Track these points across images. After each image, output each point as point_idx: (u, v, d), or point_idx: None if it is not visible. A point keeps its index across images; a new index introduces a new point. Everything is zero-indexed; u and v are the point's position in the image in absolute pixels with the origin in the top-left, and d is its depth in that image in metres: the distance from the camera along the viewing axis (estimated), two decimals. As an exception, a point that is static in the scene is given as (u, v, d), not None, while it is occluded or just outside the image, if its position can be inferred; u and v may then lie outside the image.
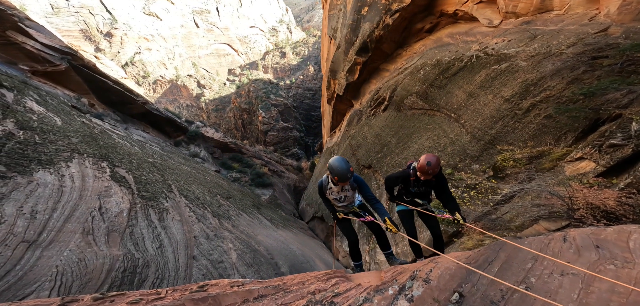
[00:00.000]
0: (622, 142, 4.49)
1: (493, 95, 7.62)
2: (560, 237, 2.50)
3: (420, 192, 3.38)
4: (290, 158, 34.82)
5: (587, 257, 2.18)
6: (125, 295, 2.56)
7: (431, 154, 3.11)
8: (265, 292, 2.71)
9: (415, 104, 10.92)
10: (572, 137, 5.55)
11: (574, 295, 1.89)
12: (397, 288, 2.42)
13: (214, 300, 2.48)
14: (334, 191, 3.21)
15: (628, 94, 4.87)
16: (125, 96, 18.65)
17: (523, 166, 6.45)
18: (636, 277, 1.92)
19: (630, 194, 4.34)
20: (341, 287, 2.70)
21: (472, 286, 2.20)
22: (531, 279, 2.12)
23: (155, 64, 57.84)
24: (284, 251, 9.97)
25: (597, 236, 2.40)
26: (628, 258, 2.10)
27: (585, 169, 5.11)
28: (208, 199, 11.39)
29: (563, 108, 5.70)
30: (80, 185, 7.35)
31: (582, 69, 5.79)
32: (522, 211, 5.81)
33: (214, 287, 2.77)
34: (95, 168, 8.36)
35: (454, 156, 8.15)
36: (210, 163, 21.09)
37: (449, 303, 2.14)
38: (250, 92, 45.78)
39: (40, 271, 5.24)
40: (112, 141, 11.35)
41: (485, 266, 2.39)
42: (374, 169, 11.71)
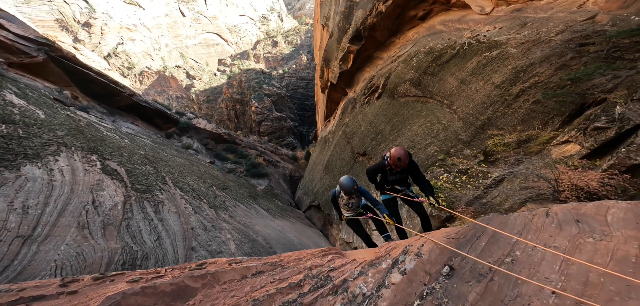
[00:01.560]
0: (606, 125, 4.69)
1: (484, 81, 7.76)
2: (543, 212, 2.61)
3: (397, 179, 3.82)
4: (285, 148, 34.77)
5: (568, 231, 2.30)
6: (124, 275, 2.59)
7: (400, 148, 3.54)
8: (263, 269, 2.78)
9: (409, 91, 11.01)
10: (559, 121, 5.75)
11: (556, 266, 1.99)
12: (391, 262, 2.51)
13: (212, 277, 2.54)
14: (344, 199, 4.03)
15: (613, 79, 5.06)
16: (110, 87, 18.13)
17: (512, 150, 6.65)
18: (613, 249, 2.02)
19: (612, 175, 4.55)
20: (337, 262, 2.80)
21: (462, 260, 2.30)
22: (516, 252, 2.22)
23: (140, 55, 55.88)
24: (281, 240, 10.13)
25: (578, 211, 2.51)
26: (606, 231, 2.22)
27: (571, 152, 5.33)
28: (204, 191, 11.38)
29: (551, 93, 5.88)
30: (71, 179, 7.25)
31: (569, 56, 5.95)
32: (511, 194, 6.03)
33: (212, 265, 2.83)
34: (84, 161, 8.23)
35: (446, 141, 8.32)
36: (204, 155, 20.90)
37: (439, 276, 2.24)
38: (242, 83, 44.98)
39: (38, 266, 5.22)
40: (100, 134, 11.12)
41: (474, 240, 2.49)
42: (369, 156, 11.85)
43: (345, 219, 4.20)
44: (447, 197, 7.03)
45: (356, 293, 2.27)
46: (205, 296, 2.35)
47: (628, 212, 2.33)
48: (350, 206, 4.05)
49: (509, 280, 1.96)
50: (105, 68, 42.93)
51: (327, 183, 15.60)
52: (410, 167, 3.62)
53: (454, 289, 2.05)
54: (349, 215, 4.15)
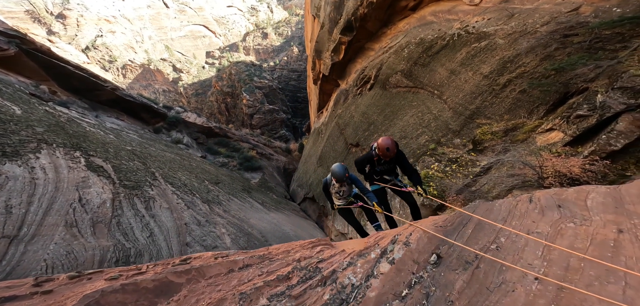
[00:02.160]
0: (588, 113, 4.89)
1: (473, 72, 7.90)
2: (527, 198, 2.68)
3: (385, 170, 3.86)
4: (278, 140, 34.59)
5: (550, 216, 2.37)
6: (103, 272, 2.50)
7: (388, 138, 3.57)
8: (251, 262, 2.74)
9: (400, 82, 11.10)
10: (544, 110, 5.95)
11: (539, 252, 2.04)
12: (379, 252, 2.52)
13: (197, 272, 2.48)
14: (335, 186, 4.05)
15: (595, 69, 5.25)
16: (90, 81, 17.47)
17: (499, 139, 6.86)
18: (593, 233, 2.10)
19: (593, 161, 4.78)
20: (326, 253, 2.78)
21: (449, 248, 2.32)
22: (501, 239, 2.26)
23: (121, 48, 53.81)
24: (277, 233, 10.20)
25: (559, 196, 2.59)
26: (586, 215, 2.29)
27: (555, 140, 5.54)
28: (196, 186, 11.28)
29: (536, 83, 6.06)
30: (55, 177, 7.08)
31: (554, 46, 6.12)
32: (499, 182, 6.24)
33: (197, 259, 2.76)
34: (68, 158, 8.02)
35: (437, 131, 8.49)
36: (195, 149, 20.60)
37: (427, 264, 2.24)
38: (232, 75, 44.12)
39: (28, 266, 5.14)
40: (82, 130, 10.81)
41: (461, 228, 2.53)
42: (362, 147, 11.97)
43: (337, 208, 4.26)
44: (438, 186, 7.22)
45: (345, 283, 2.26)
46: (190, 291, 2.29)
47: (607, 197, 2.41)
48: (341, 195, 4.09)
49: (494, 267, 1.99)
50: (84, 61, 41.19)
51: (321, 175, 15.70)
52: (397, 156, 3.67)
53: (442, 277, 2.08)
54: (340, 204, 4.20)
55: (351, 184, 4.05)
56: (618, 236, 1.99)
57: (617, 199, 2.37)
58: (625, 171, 4.70)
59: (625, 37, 5.23)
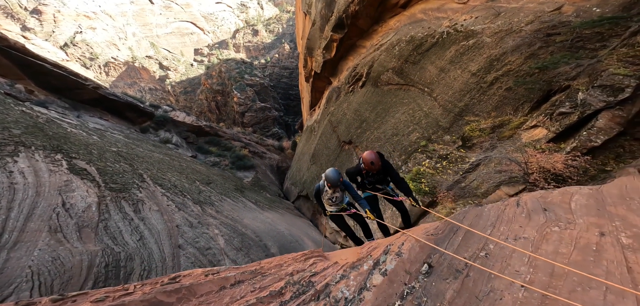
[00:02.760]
0: (570, 111, 5.09)
1: (462, 70, 8.07)
2: (514, 202, 2.74)
3: (375, 180, 3.98)
4: (271, 138, 34.37)
5: (536, 220, 2.42)
6: (88, 294, 2.38)
7: (371, 152, 3.70)
8: (242, 278, 2.68)
9: (392, 79, 11.20)
10: (528, 107, 6.15)
11: (525, 259, 2.08)
12: (372, 263, 2.52)
13: (188, 290, 2.41)
14: (328, 192, 4.03)
15: (576, 67, 5.46)
16: (70, 80, 16.76)
17: (487, 135, 7.05)
18: (577, 237, 2.17)
19: (575, 157, 4.98)
20: (319, 266, 2.76)
21: (440, 257, 2.34)
22: (490, 246, 2.31)
23: (103, 45, 51.96)
24: (272, 233, 10.19)
25: (545, 199, 2.66)
26: (570, 218, 2.36)
27: (539, 136, 5.75)
28: (187, 187, 11.12)
29: (521, 81, 6.25)
30: (35, 181, 6.86)
31: (538, 45, 6.32)
32: (487, 178, 6.43)
33: (187, 277, 2.69)
34: (48, 161, 7.76)
35: (428, 128, 8.64)
36: (184, 149, 20.24)
37: (419, 274, 2.25)
38: (222, 73, 43.39)
39: (12, 273, 4.99)
40: (63, 131, 10.46)
41: (451, 235, 2.55)
42: (355, 144, 12.06)
43: (329, 214, 4.24)
44: (430, 182, 7.37)
45: (338, 297, 2.26)
46: None
47: (589, 198, 2.50)
48: (333, 201, 4.08)
49: (483, 275, 2.03)
50: (62, 59, 39.60)
51: (315, 172, 15.73)
52: (384, 167, 3.81)
53: (433, 287, 2.10)
54: (332, 211, 4.17)
55: (344, 190, 4.06)
56: (600, 240, 2.06)
57: (599, 200, 2.45)
58: (605, 166, 4.93)
59: (605, 36, 5.46)
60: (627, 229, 2.11)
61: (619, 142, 4.81)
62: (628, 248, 1.96)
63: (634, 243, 1.98)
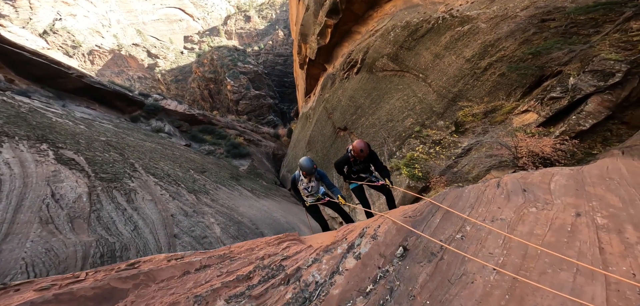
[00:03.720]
0: (560, 95, 5.16)
1: (456, 55, 8.04)
2: (495, 183, 2.73)
3: (360, 169, 4.29)
4: (266, 126, 34.14)
5: (515, 201, 2.42)
6: (32, 282, 2.22)
7: (361, 141, 3.98)
8: (209, 262, 2.54)
9: (387, 66, 11.12)
10: (521, 93, 6.21)
11: (500, 240, 2.07)
12: (346, 247, 2.46)
13: (146, 276, 2.26)
14: (304, 182, 4.14)
15: (568, 53, 5.49)
16: (52, 68, 16.18)
17: (479, 120, 7.12)
18: (552, 218, 2.15)
19: (563, 140, 5.08)
20: (291, 250, 2.67)
21: (416, 239, 2.29)
22: (467, 227, 2.28)
23: (85, 32, 49.90)
24: (268, 220, 10.27)
25: (525, 179, 2.67)
26: (548, 199, 2.36)
27: (529, 120, 5.83)
28: (180, 175, 11.05)
29: (514, 66, 6.27)
30: (21, 172, 6.73)
31: (532, 31, 6.31)
32: (478, 163, 6.53)
33: (147, 263, 2.52)
34: (33, 151, 7.60)
35: (422, 114, 8.68)
36: (178, 138, 19.99)
37: (394, 258, 2.19)
38: (214, 61, 42.37)
39: (6, 265, 4.96)
40: (48, 121, 10.20)
41: (430, 217, 2.52)
42: (350, 130, 12.07)
43: (307, 205, 4.35)
44: (423, 167, 7.47)
45: (309, 281, 2.19)
46: (138, 296, 2.11)
47: (569, 179, 2.51)
48: (309, 191, 4.21)
49: (457, 258, 2.02)
50: (43, 47, 38.03)
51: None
52: (370, 156, 4.14)
53: (406, 271, 2.07)
54: (310, 201, 4.29)
55: (319, 179, 4.21)
56: (575, 220, 2.08)
57: (579, 181, 2.46)
58: (591, 149, 5.05)
59: (598, 22, 5.47)
60: (603, 210, 2.14)
61: (606, 126, 4.92)
62: (602, 228, 1.98)
63: (609, 223, 2.01)
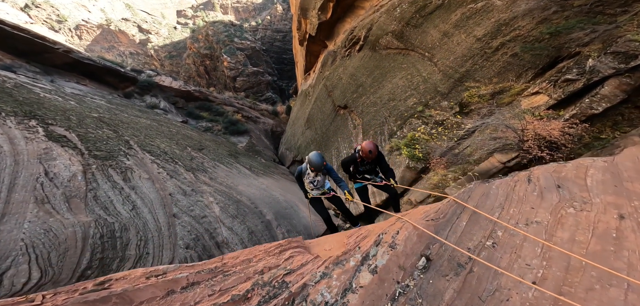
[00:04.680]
0: (576, 77, 4.94)
1: (466, 34, 7.66)
2: (525, 178, 2.43)
3: (367, 170, 4.24)
4: (265, 103, 33.56)
5: (550, 199, 2.15)
6: None
7: (370, 142, 3.90)
8: (198, 279, 2.19)
9: (391, 43, 10.67)
10: (532, 74, 5.96)
11: (538, 249, 1.82)
12: (360, 258, 2.15)
13: (120, 299, 1.92)
14: (310, 175, 4.06)
15: (591, 33, 5.18)
16: (36, 43, 15.44)
17: (486, 102, 6.92)
18: (594, 221, 1.91)
19: (572, 124, 4.95)
20: (295, 262, 2.33)
21: (440, 247, 2.03)
22: (498, 232, 2.00)
23: (70, 6, 47.13)
24: (267, 199, 10.23)
25: (559, 174, 2.37)
26: (585, 197, 2.09)
27: (539, 103, 5.65)
28: (178, 153, 10.85)
29: (529, 47, 5.97)
30: (11, 149, 6.45)
31: (553, 9, 5.93)
32: (481, 145, 6.41)
33: (120, 281, 2.14)
34: (22, 128, 7.28)
35: (425, 94, 8.44)
36: (174, 114, 19.56)
37: (415, 270, 1.93)
38: (210, 36, 40.72)
39: (6, 246, 4.86)
40: (35, 97, 9.77)
41: (454, 220, 2.23)
42: (350, 109, 11.83)
43: (310, 197, 4.26)
44: (424, 148, 7.35)
45: (317, 301, 1.91)
46: None
47: (605, 173, 2.24)
48: (315, 185, 4.13)
49: (489, 270, 1.79)
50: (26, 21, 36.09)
51: (309, 137, 15.59)
52: (378, 157, 4.05)
53: (430, 286, 1.82)
54: (314, 194, 4.19)
55: (326, 174, 4.11)
56: (620, 224, 1.83)
57: (616, 175, 2.20)
58: (600, 133, 4.93)
59: (628, 1, 5.12)
60: (647, 211, 1.82)
61: (619, 110, 4.76)
62: (649, 233, 1.68)
63: (655, 228, 1.72)
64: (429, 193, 5.81)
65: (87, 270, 5.28)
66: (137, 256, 6.01)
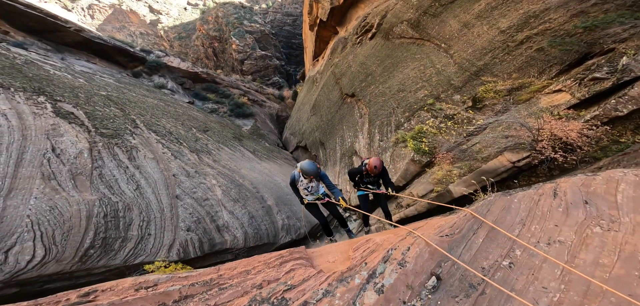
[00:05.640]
0: (605, 76, 4.58)
1: (489, 26, 7.24)
2: (551, 191, 2.28)
3: (371, 182, 4.66)
4: (271, 87, 33.30)
5: (575, 217, 2.02)
6: None
7: (377, 158, 4.25)
8: (191, 291, 2.06)
9: (405, 32, 10.24)
10: (557, 70, 5.59)
11: (557, 271, 1.73)
12: (366, 275, 2.04)
13: None
14: (304, 182, 4.22)
15: (631, 28, 4.76)
16: (48, 21, 15.42)
17: (501, 98, 6.59)
18: (621, 243, 1.79)
19: (592, 126, 4.65)
20: (297, 276, 2.21)
21: (452, 266, 1.95)
22: (516, 252, 1.91)
23: None
24: (268, 184, 10.19)
25: (588, 188, 2.23)
26: (614, 215, 1.96)
27: (559, 101, 5.31)
28: (183, 134, 10.82)
29: (558, 41, 5.56)
30: (19, 124, 6.41)
31: (591, 2, 5.46)
32: (492, 142, 6.13)
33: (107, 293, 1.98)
34: (30, 103, 7.26)
35: (437, 86, 8.11)
36: (181, 95, 19.52)
37: (423, 289, 1.85)
38: (219, 18, 40.07)
39: (12, 222, 4.85)
40: (45, 73, 9.75)
41: (470, 235, 2.11)
42: (358, 97, 11.57)
43: (305, 203, 4.39)
44: (430, 142, 7.11)
45: None
46: None
47: (637, 188, 2.09)
48: (309, 190, 4.28)
49: (501, 292, 1.71)
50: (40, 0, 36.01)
51: (314, 123, 15.41)
52: (382, 172, 4.44)
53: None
54: (309, 199, 4.33)
55: (319, 179, 4.24)
56: None
57: None
58: (620, 137, 4.63)
59: None
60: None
61: (643, 114, 4.42)
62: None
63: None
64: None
65: (89, 249, 5.29)
66: (139, 237, 6.02)
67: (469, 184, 5.38)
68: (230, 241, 7.22)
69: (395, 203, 7.31)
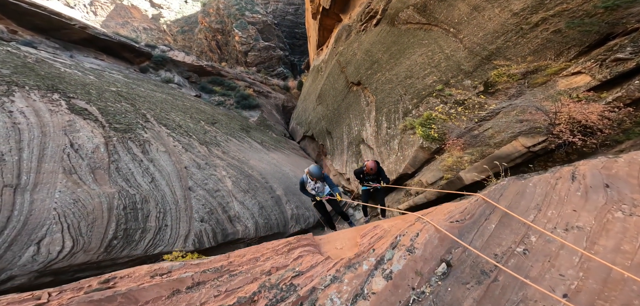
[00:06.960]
0: (629, 56, 4.38)
1: (501, 9, 6.96)
2: (569, 174, 2.16)
3: (371, 179, 5.73)
4: (276, 78, 33.18)
5: (595, 201, 1.90)
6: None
7: (373, 161, 5.35)
8: (203, 278, 2.12)
9: (412, 18, 9.95)
10: (575, 52, 5.37)
11: (576, 258, 1.64)
12: (374, 262, 2.01)
13: (125, 299, 1.88)
14: (311, 183, 5.09)
15: None
16: (53, 19, 15.56)
17: (515, 81, 6.39)
18: None
19: (614, 108, 4.49)
20: (305, 262, 2.21)
21: (463, 252, 1.87)
22: (531, 238, 1.83)
23: None
24: (277, 174, 10.27)
25: (608, 171, 2.10)
26: (636, 199, 1.83)
27: (579, 83, 5.13)
28: (192, 127, 10.93)
29: (577, 22, 5.32)
30: (37, 121, 6.59)
31: None
32: (505, 127, 5.98)
33: (125, 280, 2.08)
34: (46, 100, 7.42)
35: (446, 72, 7.92)
36: (187, 88, 19.63)
37: (432, 276, 1.80)
38: (221, 10, 39.60)
39: (40, 215, 5.06)
40: (56, 71, 9.90)
41: (482, 221, 2.04)
42: (363, 86, 11.41)
43: (315, 201, 5.28)
44: (440, 128, 6.99)
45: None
46: None
47: None
48: (316, 191, 5.15)
49: (515, 279, 1.64)
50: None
51: (321, 113, 15.33)
52: (378, 171, 5.56)
53: (448, 294, 1.68)
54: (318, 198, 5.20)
55: (323, 181, 5.15)
56: None
57: None
58: (643, 119, 4.45)
59: None
60: None
61: (671, 94, 4.23)
62: None
63: None
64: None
65: (113, 239, 5.49)
66: (157, 228, 6.20)
67: (481, 170, 5.29)
68: (242, 231, 7.37)
69: (404, 191, 7.27)
